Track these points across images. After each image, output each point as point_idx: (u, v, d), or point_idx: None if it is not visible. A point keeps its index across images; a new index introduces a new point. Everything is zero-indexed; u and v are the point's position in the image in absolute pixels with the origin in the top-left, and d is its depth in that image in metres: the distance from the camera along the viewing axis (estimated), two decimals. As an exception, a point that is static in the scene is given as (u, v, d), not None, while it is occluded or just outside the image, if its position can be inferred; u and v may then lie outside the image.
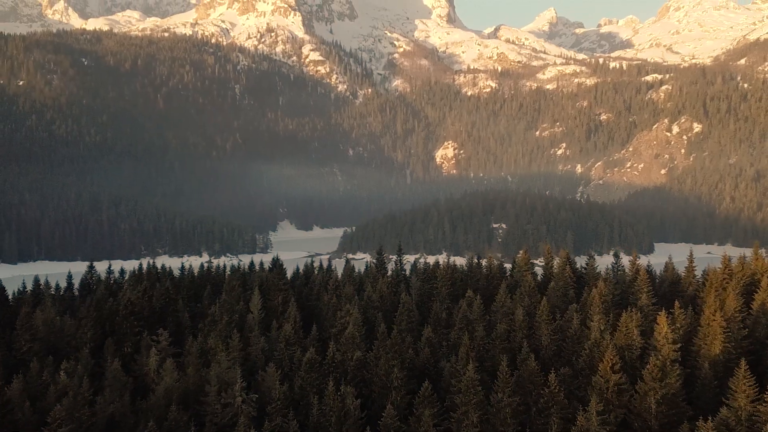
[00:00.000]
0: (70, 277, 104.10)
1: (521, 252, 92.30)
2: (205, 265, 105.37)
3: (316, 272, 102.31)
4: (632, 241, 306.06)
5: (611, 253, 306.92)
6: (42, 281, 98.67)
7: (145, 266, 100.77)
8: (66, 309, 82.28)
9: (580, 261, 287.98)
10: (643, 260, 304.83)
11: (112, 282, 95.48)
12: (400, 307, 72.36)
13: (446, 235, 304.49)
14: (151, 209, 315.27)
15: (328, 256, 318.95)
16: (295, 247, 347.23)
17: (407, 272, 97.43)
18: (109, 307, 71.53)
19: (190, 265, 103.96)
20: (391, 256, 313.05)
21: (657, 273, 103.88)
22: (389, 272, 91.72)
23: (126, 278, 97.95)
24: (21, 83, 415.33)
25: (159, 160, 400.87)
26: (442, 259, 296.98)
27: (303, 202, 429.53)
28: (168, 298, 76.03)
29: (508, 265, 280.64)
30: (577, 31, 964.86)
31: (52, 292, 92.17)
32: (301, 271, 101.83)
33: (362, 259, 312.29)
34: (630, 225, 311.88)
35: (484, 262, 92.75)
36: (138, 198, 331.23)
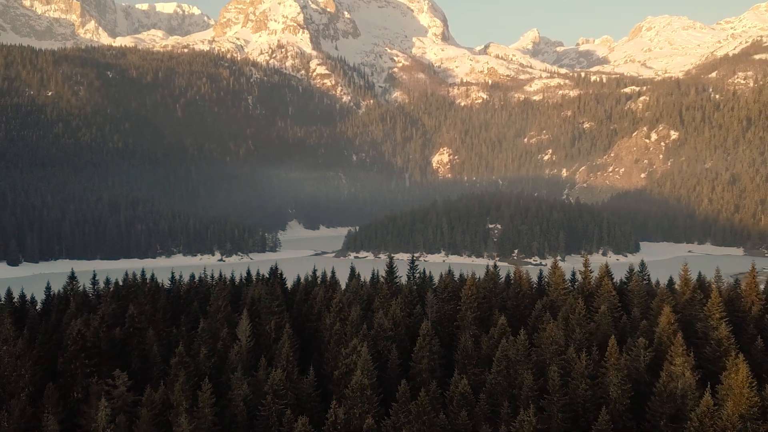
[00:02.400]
0: (48, 289, 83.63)
1: (551, 262, 70.83)
2: (197, 275, 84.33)
3: (318, 282, 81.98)
4: (620, 241, 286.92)
5: (600, 252, 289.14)
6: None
7: (144, 271, 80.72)
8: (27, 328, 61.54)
9: (572, 260, 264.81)
10: (630, 259, 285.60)
11: (91, 295, 74.79)
12: (420, 340, 52.31)
13: (444, 235, 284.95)
14: (166, 210, 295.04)
15: (333, 254, 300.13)
16: (302, 246, 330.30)
17: (416, 277, 76.99)
18: (57, 340, 50.93)
19: (181, 275, 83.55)
20: (393, 255, 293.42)
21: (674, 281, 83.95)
22: (398, 278, 71.42)
23: (110, 289, 77.07)
24: (50, 94, 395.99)
25: (177, 165, 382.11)
26: (441, 258, 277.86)
27: (310, 203, 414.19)
28: (133, 327, 55.52)
29: (503, 264, 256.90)
30: (558, 49, 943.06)
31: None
32: (302, 280, 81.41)
33: (365, 258, 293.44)
34: (617, 225, 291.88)
35: (513, 273, 71.94)
36: (156, 200, 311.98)
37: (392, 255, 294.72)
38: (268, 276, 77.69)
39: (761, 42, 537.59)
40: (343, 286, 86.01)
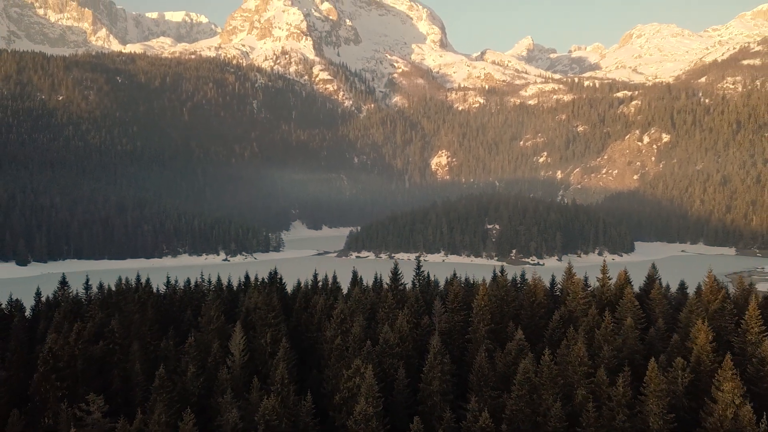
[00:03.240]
0: (38, 294, 76.53)
1: (565, 266, 63.29)
2: (195, 279, 77.29)
3: (319, 286, 74.92)
4: (615, 241, 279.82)
5: (596, 252, 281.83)
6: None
7: (140, 275, 73.73)
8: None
9: (568, 260, 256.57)
10: (625, 259, 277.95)
11: (84, 300, 67.71)
12: (430, 358, 45.28)
13: (444, 235, 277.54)
14: (172, 211, 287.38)
15: (335, 254, 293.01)
16: (305, 246, 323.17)
17: (421, 282, 69.76)
18: (28, 359, 43.85)
19: (176, 280, 76.62)
20: (394, 255, 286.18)
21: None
22: (402, 284, 64.25)
23: (101, 295, 69.90)
24: (60, 98, 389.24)
25: (183, 167, 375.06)
26: (441, 258, 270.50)
27: (313, 204, 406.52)
28: (113, 343, 48.41)
29: (499, 263, 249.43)
30: (551, 55, 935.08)
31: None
32: (302, 285, 74.13)
33: (367, 257, 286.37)
34: (613, 226, 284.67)
35: (526, 279, 64.72)
36: (163, 201, 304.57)
37: (393, 255, 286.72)
38: (267, 279, 70.64)
39: (749, 48, 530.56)
40: (345, 290, 79.23)
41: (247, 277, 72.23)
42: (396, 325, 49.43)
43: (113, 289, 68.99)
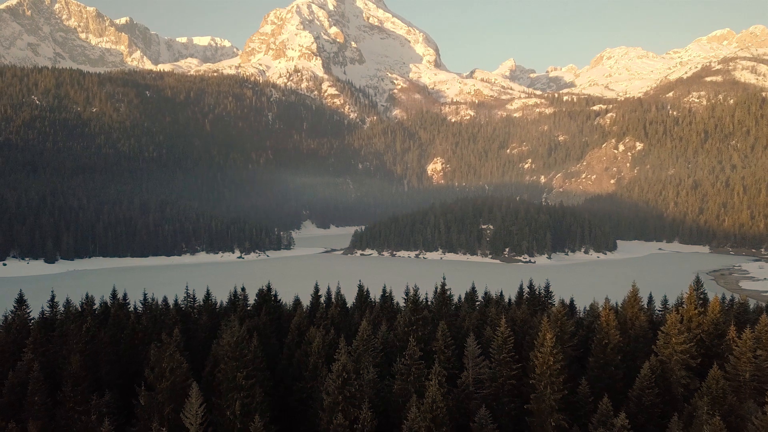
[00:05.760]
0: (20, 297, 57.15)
1: (636, 300, 41.34)
2: (181, 296, 58.04)
3: (321, 302, 55.94)
4: (600, 240, 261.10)
5: (582, 250, 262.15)
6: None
7: (127, 293, 54.84)
8: None
9: (557, 257, 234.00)
10: (609, 256, 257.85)
11: (31, 326, 48.47)
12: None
13: (441, 235, 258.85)
14: (191, 212, 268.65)
15: (342, 252, 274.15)
16: (314, 243, 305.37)
17: (444, 302, 50.72)
18: None
19: (154, 298, 57.57)
20: (395, 252, 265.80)
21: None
22: (423, 308, 45.14)
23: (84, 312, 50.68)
24: (94, 110, 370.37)
25: (204, 172, 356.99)
26: (439, 255, 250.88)
27: (322, 205, 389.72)
28: (10, 407, 29.63)
29: (496, 262, 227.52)
30: (531, 75, 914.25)
31: None
32: (299, 310, 53.44)
33: (371, 255, 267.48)
34: (597, 226, 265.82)
35: (600, 308, 43.88)
36: (183, 203, 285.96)
37: (395, 252, 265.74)
38: (258, 298, 51.57)
39: (711, 67, 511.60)
40: (350, 301, 60.43)
41: (235, 294, 52.78)
42: (427, 401, 29.91)
43: (79, 308, 49.90)
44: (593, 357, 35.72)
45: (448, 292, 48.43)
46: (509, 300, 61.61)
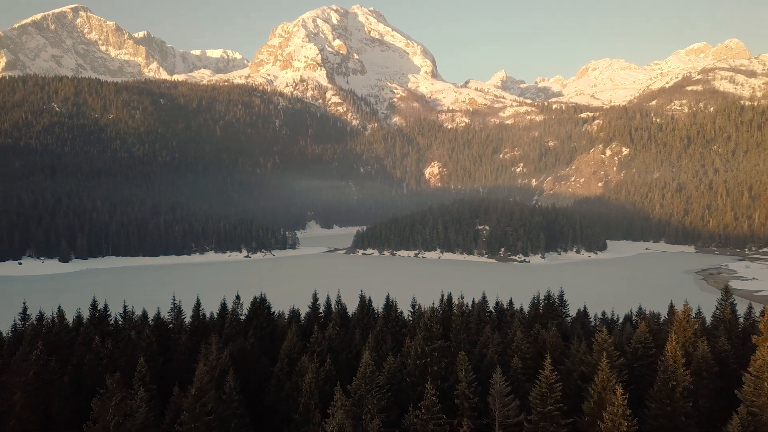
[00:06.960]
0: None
1: (689, 318, 31.04)
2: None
3: (320, 316, 47.61)
4: (591, 240, 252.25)
5: (574, 250, 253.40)
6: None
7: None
8: None
9: (550, 257, 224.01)
10: (599, 256, 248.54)
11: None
12: None
13: (439, 235, 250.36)
14: (200, 213, 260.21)
15: (344, 251, 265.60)
16: (319, 243, 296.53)
17: (465, 330, 42.41)
18: None
19: (133, 311, 49.21)
20: (396, 252, 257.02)
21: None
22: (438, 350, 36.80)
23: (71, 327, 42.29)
24: (111, 116, 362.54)
25: (215, 176, 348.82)
26: (437, 255, 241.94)
27: (326, 207, 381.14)
28: None
29: (492, 261, 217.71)
30: (521, 85, 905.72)
31: None
32: (292, 327, 44.04)
33: (372, 254, 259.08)
34: (588, 227, 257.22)
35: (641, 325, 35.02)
36: (192, 204, 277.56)
37: (395, 252, 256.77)
38: (248, 312, 43.16)
39: (691, 77, 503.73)
40: (351, 309, 52.23)
41: (224, 306, 44.19)
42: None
43: (50, 322, 41.50)
44: (655, 403, 26.82)
45: (464, 306, 39.88)
46: (521, 308, 53.42)
